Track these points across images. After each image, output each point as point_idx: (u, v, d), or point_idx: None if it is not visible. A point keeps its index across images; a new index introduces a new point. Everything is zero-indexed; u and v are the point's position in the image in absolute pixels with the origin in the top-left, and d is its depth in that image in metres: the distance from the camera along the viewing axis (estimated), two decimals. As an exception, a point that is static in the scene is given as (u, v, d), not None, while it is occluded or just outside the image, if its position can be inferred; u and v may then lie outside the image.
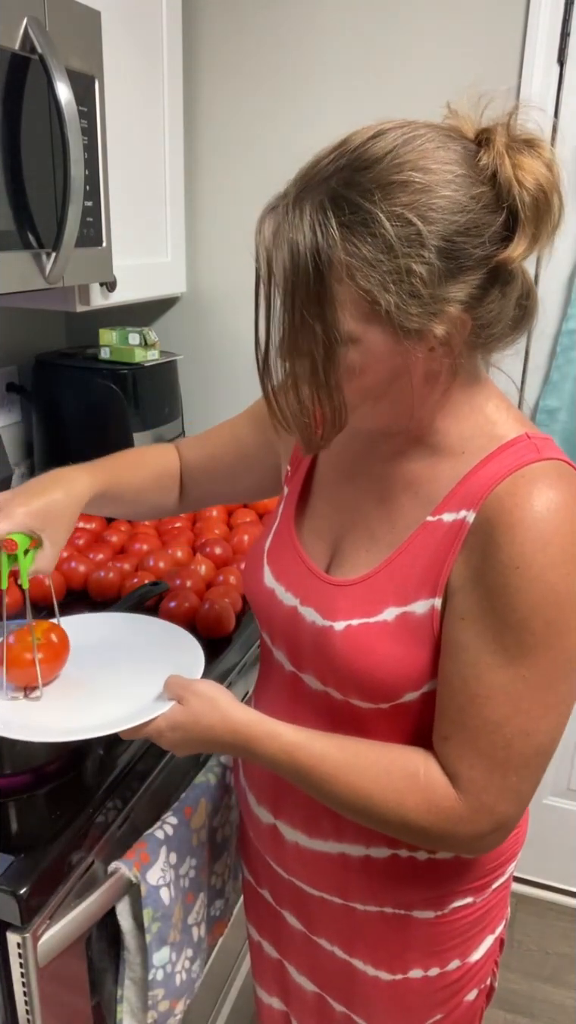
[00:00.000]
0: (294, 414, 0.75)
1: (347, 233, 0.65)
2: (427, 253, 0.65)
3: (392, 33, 1.65)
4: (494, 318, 0.71)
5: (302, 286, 0.67)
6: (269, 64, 1.75)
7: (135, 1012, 1.03)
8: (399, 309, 0.66)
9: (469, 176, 0.67)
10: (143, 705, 0.87)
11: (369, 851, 0.87)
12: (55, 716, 0.90)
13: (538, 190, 0.67)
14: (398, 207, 0.64)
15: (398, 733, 0.81)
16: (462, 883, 0.89)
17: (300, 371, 0.72)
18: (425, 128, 0.68)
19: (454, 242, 0.66)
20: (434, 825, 0.74)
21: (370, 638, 0.78)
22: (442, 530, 0.75)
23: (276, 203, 0.70)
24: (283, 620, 0.87)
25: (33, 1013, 0.89)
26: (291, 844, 0.93)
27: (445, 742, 0.75)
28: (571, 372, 1.73)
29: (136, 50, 1.55)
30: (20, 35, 1.11)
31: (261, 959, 1.12)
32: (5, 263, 1.15)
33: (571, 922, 2.09)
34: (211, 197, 1.87)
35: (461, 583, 0.73)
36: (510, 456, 0.73)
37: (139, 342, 1.73)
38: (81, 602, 1.40)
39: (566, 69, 1.59)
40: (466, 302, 0.68)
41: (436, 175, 0.65)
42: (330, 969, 0.98)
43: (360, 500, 0.85)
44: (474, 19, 1.59)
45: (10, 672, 0.94)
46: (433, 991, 0.94)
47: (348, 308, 0.67)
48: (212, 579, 1.43)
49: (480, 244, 0.67)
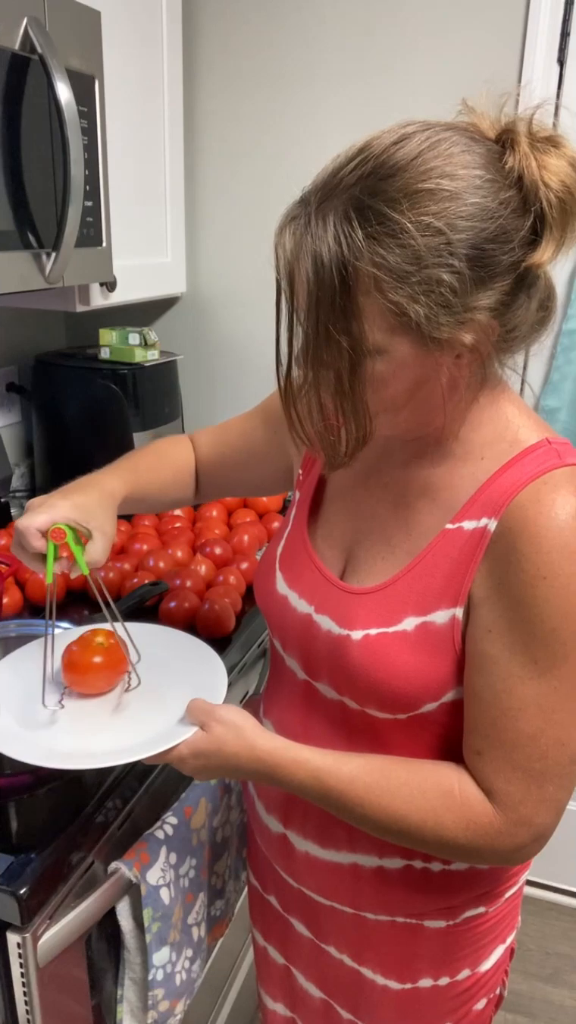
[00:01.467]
0: (318, 431, 0.73)
1: (374, 244, 0.63)
2: (456, 262, 0.63)
3: (393, 33, 1.65)
4: (520, 322, 0.70)
5: (327, 299, 0.65)
6: (269, 63, 1.75)
7: (135, 1012, 1.03)
8: (429, 320, 0.64)
9: (496, 180, 0.65)
10: (165, 730, 0.84)
11: (382, 862, 0.86)
12: (76, 739, 0.86)
13: (564, 190, 0.65)
14: (426, 216, 0.62)
15: (415, 743, 0.80)
16: (475, 893, 0.88)
17: (324, 385, 0.70)
18: (448, 131, 0.66)
19: (483, 250, 0.64)
20: (473, 841, 0.73)
21: (388, 648, 0.76)
22: (463, 538, 0.74)
23: (296, 212, 0.67)
24: (297, 628, 0.86)
25: (33, 1013, 0.89)
26: (301, 854, 0.92)
27: (478, 757, 0.74)
28: (571, 372, 1.73)
29: (136, 50, 1.55)
30: (20, 35, 1.11)
31: (267, 964, 1.10)
32: (5, 263, 1.15)
33: (571, 922, 2.09)
34: (211, 197, 1.87)
35: (485, 594, 0.72)
36: (531, 462, 0.72)
37: (139, 342, 1.73)
38: (81, 602, 1.40)
39: (566, 69, 1.59)
40: (495, 309, 0.67)
41: (463, 181, 0.63)
42: (338, 976, 0.98)
43: (375, 506, 0.83)
44: (474, 19, 1.59)
45: (72, 677, 0.92)
46: (442, 1000, 0.93)
47: (375, 320, 0.65)
48: (212, 579, 1.43)
49: (509, 250, 0.65)
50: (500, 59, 1.60)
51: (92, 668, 0.91)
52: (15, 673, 0.96)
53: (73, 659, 0.92)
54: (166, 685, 0.93)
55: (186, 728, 0.82)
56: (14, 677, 0.95)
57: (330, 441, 0.74)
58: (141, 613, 1.35)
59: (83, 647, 0.92)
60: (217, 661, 0.96)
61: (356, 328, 0.66)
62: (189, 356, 1.94)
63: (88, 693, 0.93)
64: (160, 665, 0.96)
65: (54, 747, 0.84)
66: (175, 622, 1.31)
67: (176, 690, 0.90)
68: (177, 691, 0.89)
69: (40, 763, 0.81)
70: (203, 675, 0.93)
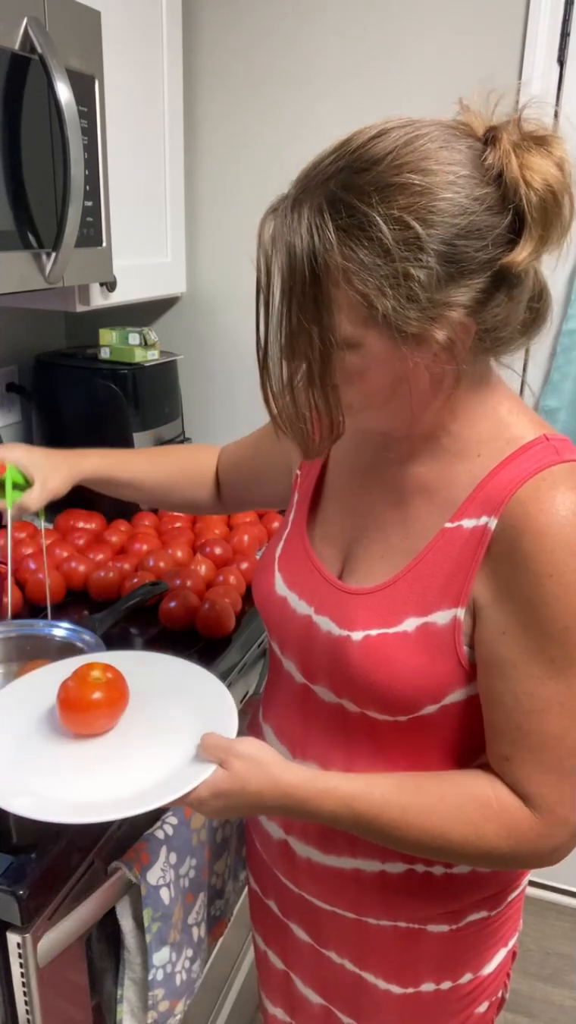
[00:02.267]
0: (290, 418, 0.74)
1: (344, 236, 0.64)
2: (426, 257, 0.63)
3: (393, 33, 1.65)
4: (501, 322, 0.69)
5: (299, 289, 0.66)
6: (269, 63, 1.75)
7: (135, 1012, 1.03)
8: (397, 313, 0.65)
9: (473, 177, 0.65)
10: (179, 770, 0.77)
11: (384, 866, 0.85)
12: (85, 787, 0.78)
13: (546, 190, 0.64)
14: (396, 210, 0.63)
15: (414, 746, 0.80)
16: (478, 896, 0.88)
17: (297, 375, 0.71)
18: (431, 127, 0.66)
19: (455, 245, 0.64)
20: (515, 848, 0.73)
21: (389, 649, 0.76)
22: (463, 537, 0.74)
23: (277, 205, 0.69)
24: (296, 629, 0.85)
25: (33, 1013, 0.89)
26: (303, 859, 0.91)
27: (506, 762, 0.73)
28: (571, 372, 1.73)
29: (136, 50, 1.55)
30: (20, 35, 1.11)
31: (267, 969, 1.09)
32: (5, 263, 1.15)
33: (571, 922, 2.09)
34: (211, 197, 1.87)
35: (493, 595, 0.72)
36: (529, 459, 0.72)
37: (139, 342, 1.73)
38: (81, 602, 1.40)
39: (566, 69, 1.59)
40: (469, 306, 0.66)
41: (437, 176, 0.64)
42: (338, 982, 0.97)
43: (373, 504, 0.83)
44: (474, 19, 1.59)
45: (70, 717, 0.84)
46: (444, 1004, 0.93)
47: (345, 312, 0.66)
48: (212, 579, 1.43)
49: (483, 247, 0.65)
50: (500, 59, 1.60)
51: (92, 706, 0.84)
52: (2, 713, 0.89)
53: (70, 697, 0.84)
54: (168, 718, 0.86)
55: (203, 767, 0.76)
56: (1, 717, 0.88)
57: (303, 431, 0.74)
58: (141, 613, 1.35)
59: (80, 683, 0.84)
60: (220, 687, 0.90)
61: (327, 319, 0.67)
62: (189, 356, 1.94)
63: (88, 734, 0.85)
64: (157, 696, 0.90)
65: (63, 798, 0.77)
66: (175, 622, 1.31)
67: (180, 723, 0.84)
68: (182, 724, 0.83)
69: (51, 819, 0.74)
70: (207, 703, 0.87)
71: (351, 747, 0.83)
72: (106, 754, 0.83)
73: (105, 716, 0.85)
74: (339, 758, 0.84)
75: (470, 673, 0.75)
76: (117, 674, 0.87)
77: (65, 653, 1.11)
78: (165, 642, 1.30)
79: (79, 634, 1.14)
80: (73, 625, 1.15)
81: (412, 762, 0.80)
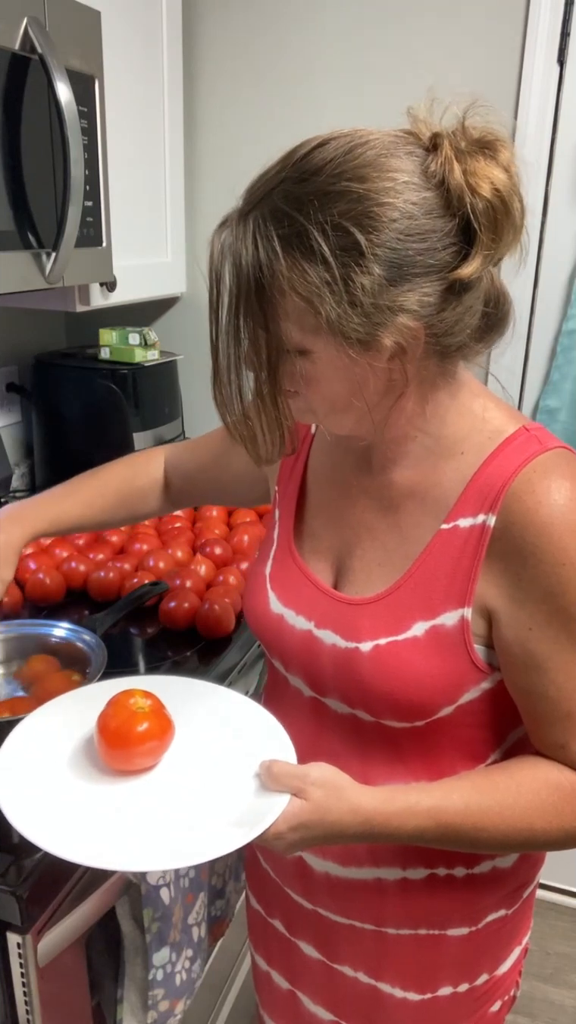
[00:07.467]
0: (237, 424, 0.74)
1: (286, 246, 0.64)
2: (367, 263, 0.64)
3: (392, 33, 1.65)
4: (452, 327, 0.69)
5: (244, 299, 0.67)
6: (269, 63, 1.75)
7: (135, 1012, 1.03)
8: (341, 319, 0.65)
9: (413, 183, 0.65)
10: (247, 805, 0.70)
11: (406, 872, 0.85)
12: (146, 831, 0.70)
13: (494, 195, 0.64)
14: (334, 217, 0.63)
15: (431, 748, 0.80)
16: (498, 895, 0.88)
17: (244, 383, 0.72)
18: (374, 136, 0.66)
19: (396, 250, 0.64)
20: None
21: (401, 656, 0.75)
22: (461, 537, 0.74)
23: (226, 218, 0.70)
24: (297, 646, 0.84)
25: (33, 1013, 0.89)
26: (320, 875, 0.89)
27: (563, 750, 0.75)
28: (571, 372, 1.73)
29: (136, 50, 1.55)
30: (20, 35, 1.11)
31: (270, 990, 1.06)
32: (5, 263, 1.15)
33: (571, 922, 2.09)
34: (211, 197, 1.87)
35: (507, 594, 0.72)
36: (514, 451, 0.73)
37: (139, 342, 1.73)
38: (81, 602, 1.40)
39: (566, 69, 1.59)
40: (416, 311, 0.66)
41: (375, 183, 0.64)
42: (352, 995, 0.95)
43: (362, 514, 0.83)
44: (474, 19, 1.59)
45: (115, 754, 0.75)
46: (460, 1006, 0.92)
47: (293, 320, 0.67)
48: (212, 579, 1.43)
49: (427, 250, 0.65)
50: (500, 59, 1.60)
51: (138, 739, 0.75)
52: (31, 746, 0.79)
53: (111, 730, 0.75)
54: (205, 744, 0.79)
55: (275, 798, 0.69)
56: (32, 752, 0.78)
57: (251, 438, 0.75)
58: (141, 613, 1.36)
59: (120, 713, 0.75)
60: (259, 708, 0.84)
61: (274, 328, 0.67)
62: (189, 356, 1.94)
63: (132, 770, 0.76)
64: (186, 721, 0.81)
65: (124, 844, 0.69)
66: (175, 622, 1.31)
67: (223, 750, 0.78)
68: (225, 751, 0.77)
69: (121, 868, 0.68)
70: (251, 727, 0.80)
71: (367, 755, 0.82)
72: (158, 793, 0.75)
73: (152, 750, 0.76)
74: (355, 766, 0.81)
75: (484, 671, 0.75)
76: (156, 700, 0.79)
77: (65, 653, 1.11)
78: (165, 642, 1.30)
79: (79, 634, 1.13)
80: (73, 625, 1.15)
81: (429, 763, 0.80)
